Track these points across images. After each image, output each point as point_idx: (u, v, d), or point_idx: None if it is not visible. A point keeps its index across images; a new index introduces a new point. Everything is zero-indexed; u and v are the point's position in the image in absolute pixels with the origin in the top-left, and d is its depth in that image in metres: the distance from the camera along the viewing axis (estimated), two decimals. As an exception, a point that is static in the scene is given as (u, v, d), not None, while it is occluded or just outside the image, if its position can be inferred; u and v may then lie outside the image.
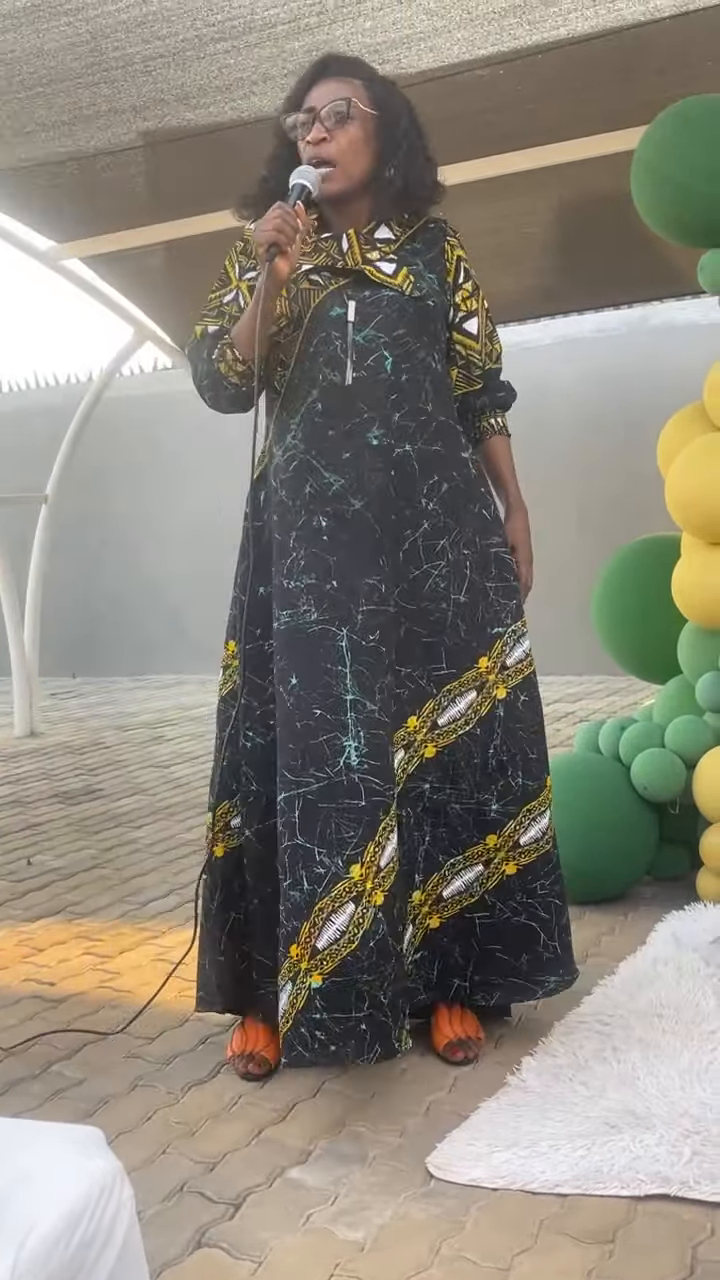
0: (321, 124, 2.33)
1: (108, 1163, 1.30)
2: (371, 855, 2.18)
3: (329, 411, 2.34)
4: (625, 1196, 1.89)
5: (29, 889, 3.78)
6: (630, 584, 3.82)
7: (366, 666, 2.25)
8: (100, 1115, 2.26)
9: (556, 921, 2.43)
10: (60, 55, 3.94)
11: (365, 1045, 2.16)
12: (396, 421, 2.34)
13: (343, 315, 2.34)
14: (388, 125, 2.37)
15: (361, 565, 2.29)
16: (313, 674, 2.25)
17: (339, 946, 2.16)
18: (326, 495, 2.31)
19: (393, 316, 2.36)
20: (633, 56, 4.03)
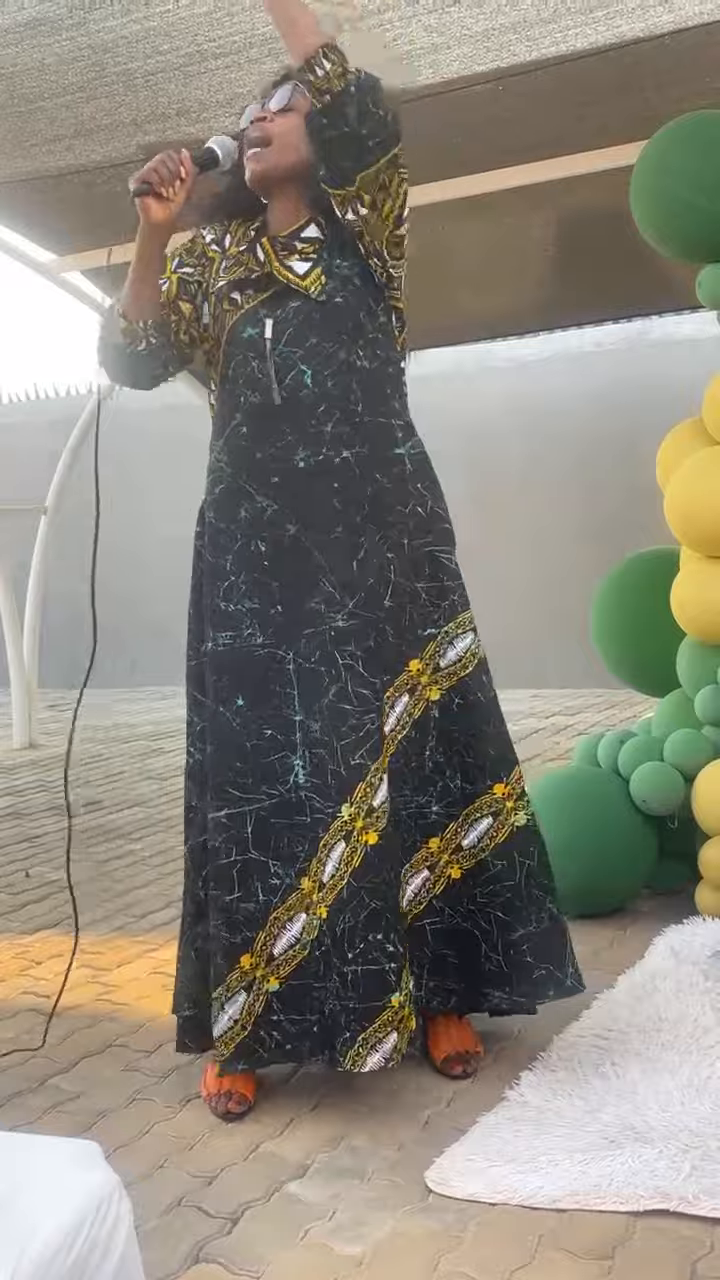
0: (266, 107, 2.35)
1: (106, 1176, 1.30)
2: (315, 870, 2.25)
3: (254, 435, 2.33)
4: (624, 1212, 1.89)
5: (27, 901, 3.77)
6: (629, 597, 3.83)
7: (309, 688, 2.27)
8: (98, 1129, 2.25)
9: (501, 935, 2.35)
10: (61, 70, 3.96)
11: (316, 1046, 2.25)
12: (329, 432, 2.30)
13: (257, 335, 2.32)
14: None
15: (303, 591, 2.29)
16: (262, 695, 2.28)
17: (294, 952, 2.25)
18: (262, 520, 2.31)
19: (303, 327, 2.31)
20: (632, 72, 4.05)
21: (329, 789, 2.25)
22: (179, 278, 2.42)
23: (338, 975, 2.21)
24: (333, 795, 2.24)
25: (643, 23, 3.78)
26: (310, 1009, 2.25)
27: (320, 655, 2.27)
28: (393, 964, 2.20)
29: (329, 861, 2.24)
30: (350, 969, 2.19)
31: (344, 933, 2.21)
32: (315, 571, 2.29)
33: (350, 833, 2.23)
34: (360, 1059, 2.17)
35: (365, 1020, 2.18)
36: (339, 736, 2.25)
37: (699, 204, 3.29)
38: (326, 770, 2.25)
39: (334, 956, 2.21)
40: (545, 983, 2.35)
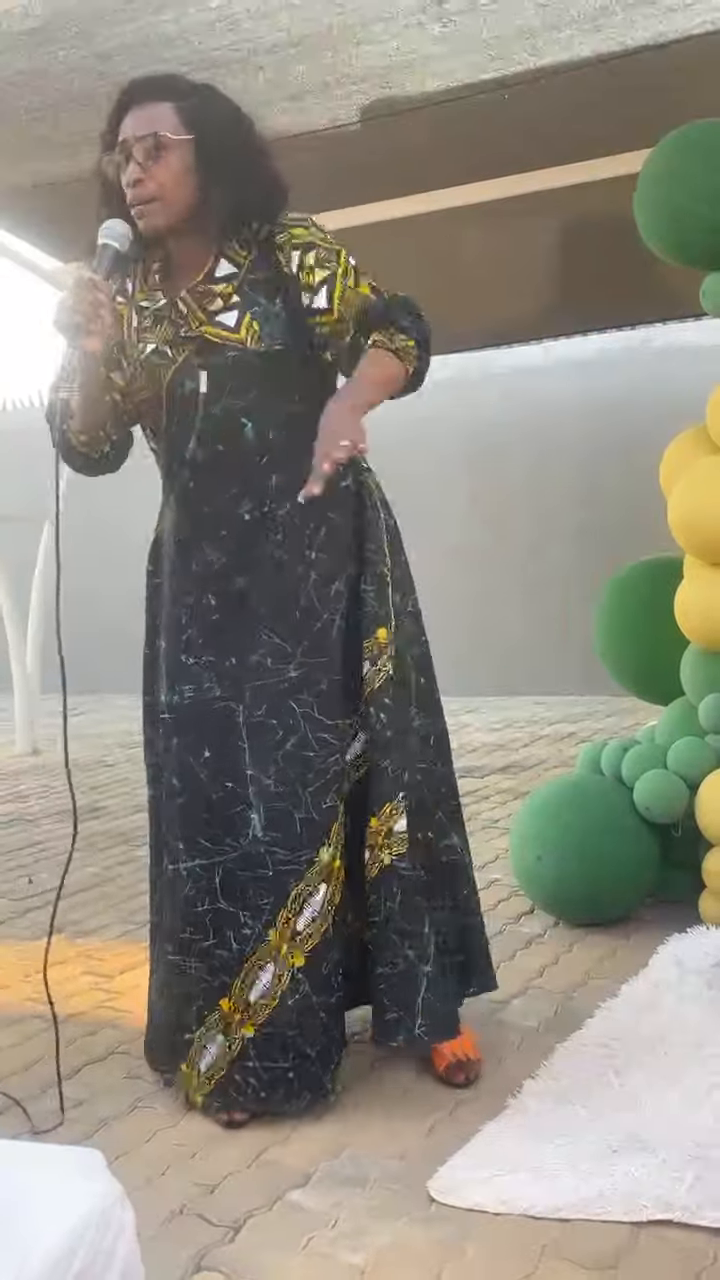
0: (136, 162, 2.21)
1: (108, 1185, 1.30)
2: (285, 921, 2.23)
3: (200, 488, 2.32)
4: (628, 1222, 1.88)
5: (30, 907, 3.77)
6: (633, 605, 3.82)
7: (258, 741, 2.27)
8: (100, 1136, 2.25)
9: (369, 968, 2.35)
10: (65, 77, 3.96)
11: (293, 1093, 2.24)
12: (274, 485, 2.28)
13: (194, 390, 2.27)
14: (206, 145, 2.21)
15: (248, 642, 2.29)
16: (223, 748, 2.29)
17: (266, 1000, 2.23)
18: (211, 573, 2.31)
19: (242, 378, 2.25)
20: (636, 81, 4.05)
21: (297, 838, 2.24)
22: None
23: (325, 1010, 2.25)
24: (304, 843, 2.24)
25: (647, 31, 3.79)
26: (284, 1056, 2.23)
27: (269, 707, 2.27)
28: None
29: (308, 908, 2.24)
30: (335, 997, 2.28)
31: (332, 968, 2.27)
32: (257, 624, 2.29)
33: (330, 874, 2.26)
34: (342, 1076, 2.31)
35: (343, 1039, 2.33)
36: (304, 784, 2.25)
37: (702, 212, 3.30)
38: (294, 820, 2.24)
39: (320, 995, 2.25)
40: (395, 1027, 2.31)
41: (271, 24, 3.69)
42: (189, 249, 2.31)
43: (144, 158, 2.21)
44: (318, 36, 3.77)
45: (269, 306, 2.27)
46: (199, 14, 3.62)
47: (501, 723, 6.93)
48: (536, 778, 5.07)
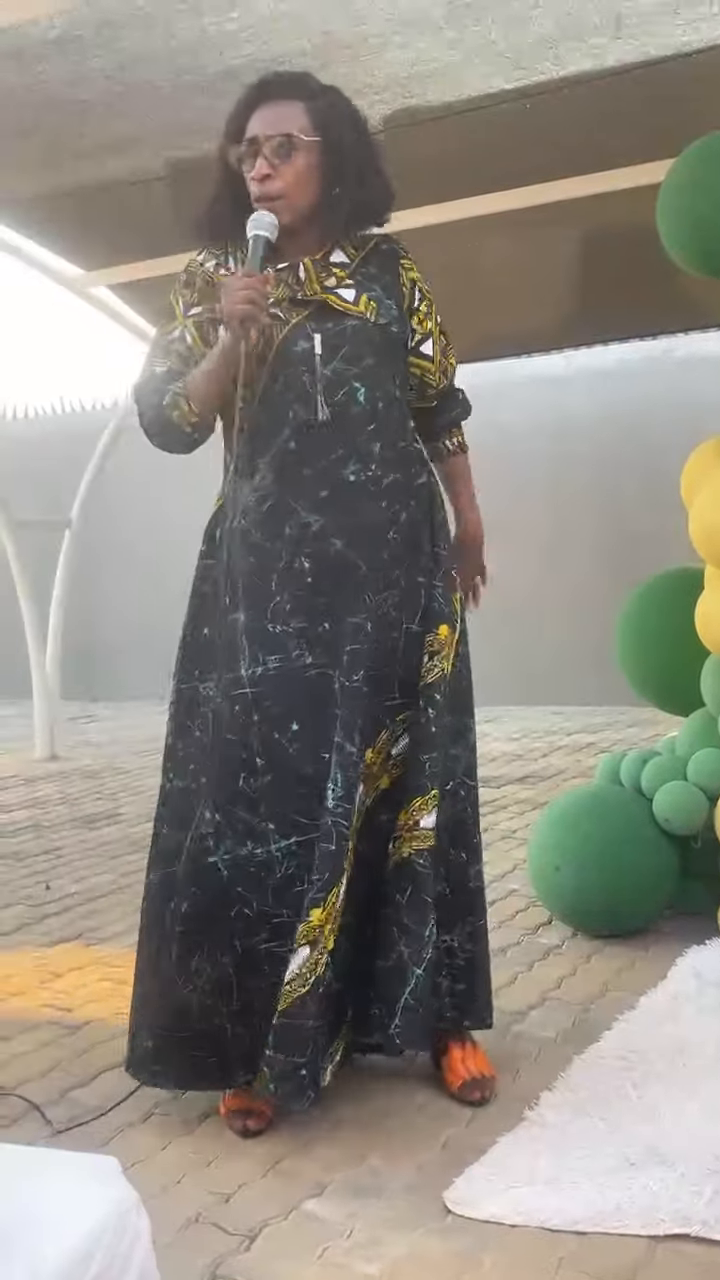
0: (265, 159, 2.27)
1: (124, 1193, 1.30)
2: (334, 898, 2.18)
3: (302, 450, 2.29)
4: (645, 1235, 1.87)
5: (47, 914, 3.78)
6: (653, 616, 3.81)
7: (349, 708, 2.23)
8: (115, 1144, 2.25)
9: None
10: (88, 86, 3.98)
11: (301, 1092, 2.17)
12: (377, 453, 2.31)
13: (309, 349, 2.29)
14: (332, 148, 2.29)
15: (348, 605, 2.26)
16: (315, 719, 2.23)
17: (293, 987, 2.15)
18: (307, 536, 2.27)
19: (360, 346, 2.30)
20: (659, 91, 4.05)
21: (355, 813, 2.21)
22: (194, 321, 2.36)
23: (336, 998, 2.24)
24: (354, 820, 2.22)
25: (670, 41, 3.79)
26: (300, 1050, 2.16)
27: (365, 674, 2.24)
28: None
29: (343, 888, 2.19)
30: (338, 985, 2.24)
31: (343, 952, 2.23)
32: (360, 587, 2.27)
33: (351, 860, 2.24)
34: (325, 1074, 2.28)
35: (335, 1033, 2.30)
36: (376, 764, 2.25)
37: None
38: (356, 793, 2.21)
39: (336, 982, 2.23)
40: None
41: (293, 34, 3.70)
42: (304, 240, 2.35)
43: (274, 155, 2.28)
44: (339, 46, 3.78)
45: (384, 296, 2.36)
46: (220, 24, 3.64)
47: (520, 732, 6.91)
48: (555, 788, 5.05)
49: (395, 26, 3.68)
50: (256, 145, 2.28)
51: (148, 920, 2.35)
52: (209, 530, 2.41)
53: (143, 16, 3.58)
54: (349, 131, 2.33)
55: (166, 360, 2.36)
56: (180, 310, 2.39)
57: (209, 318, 2.34)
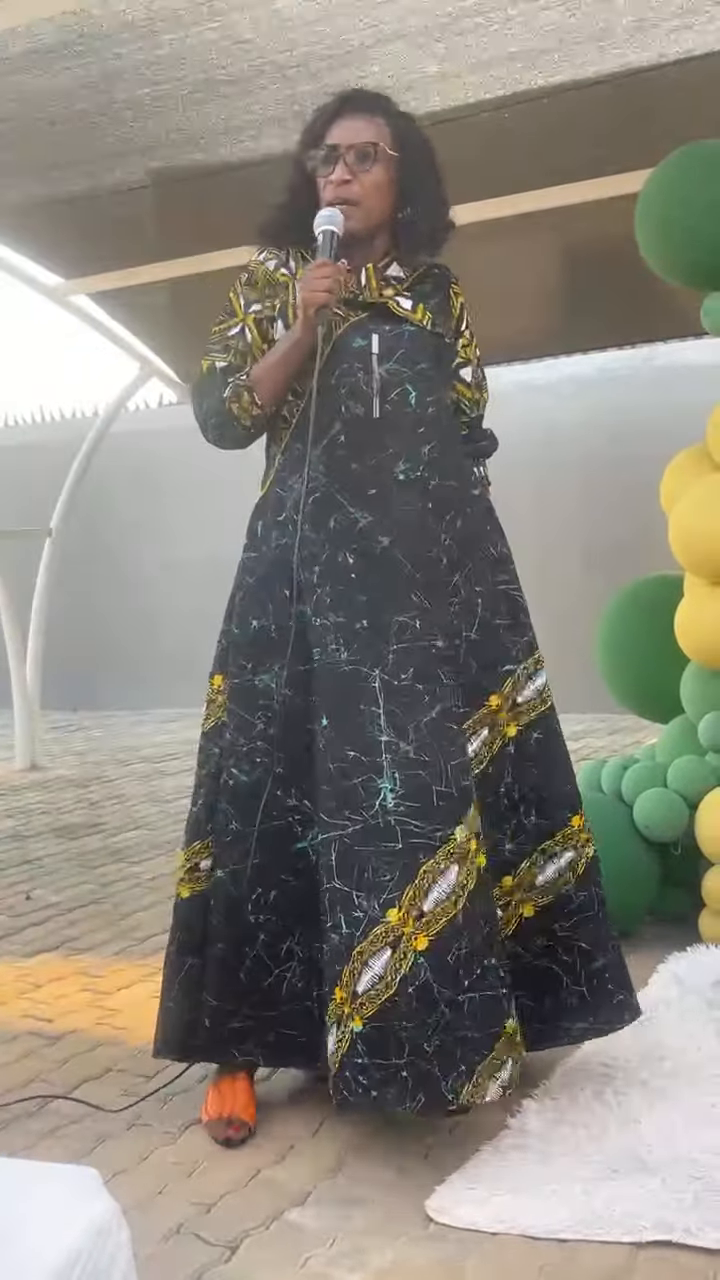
0: (345, 165, 2.32)
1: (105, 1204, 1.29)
2: (411, 899, 2.12)
3: (353, 445, 2.31)
4: (627, 1243, 1.87)
5: (28, 924, 3.76)
6: (633, 623, 3.83)
7: (400, 706, 2.20)
8: (97, 1154, 2.24)
9: (584, 965, 2.35)
10: (71, 96, 3.98)
11: (407, 1093, 2.07)
12: (426, 455, 2.33)
13: (366, 347, 2.32)
14: (409, 166, 2.37)
15: (392, 603, 2.25)
16: (344, 714, 2.21)
17: (378, 991, 2.11)
18: (353, 532, 2.28)
19: (415, 351, 2.35)
20: (639, 101, 4.08)
21: (434, 811, 2.16)
22: (254, 318, 2.39)
23: (449, 1006, 2.10)
24: (440, 818, 2.16)
25: (649, 52, 3.81)
26: (398, 1053, 2.08)
27: (416, 672, 2.22)
28: (505, 989, 2.18)
29: (435, 888, 2.12)
30: (467, 996, 2.12)
31: (460, 959, 2.13)
32: (407, 585, 2.27)
33: (466, 855, 2.17)
34: (481, 1090, 2.11)
35: (484, 1048, 2.12)
36: (447, 757, 2.20)
37: (704, 231, 3.31)
38: (430, 792, 2.17)
39: (443, 987, 2.10)
40: (623, 1008, 2.39)
41: (276, 45, 3.71)
42: (368, 250, 2.40)
43: (355, 162, 2.33)
44: (321, 57, 3.80)
45: (438, 311, 2.42)
46: (204, 35, 3.65)
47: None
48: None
49: (377, 38, 3.70)
50: (337, 152, 2.33)
51: (225, 915, 2.30)
52: (251, 524, 2.43)
53: (124, 27, 3.58)
54: (425, 155, 2.41)
55: (227, 355, 2.39)
56: (241, 307, 2.42)
57: (268, 316, 2.38)
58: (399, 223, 2.38)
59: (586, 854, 2.39)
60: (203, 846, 2.38)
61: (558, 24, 3.63)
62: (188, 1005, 2.35)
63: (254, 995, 2.28)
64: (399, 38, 3.70)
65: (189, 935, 2.37)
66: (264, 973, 2.27)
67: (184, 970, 2.36)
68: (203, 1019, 2.32)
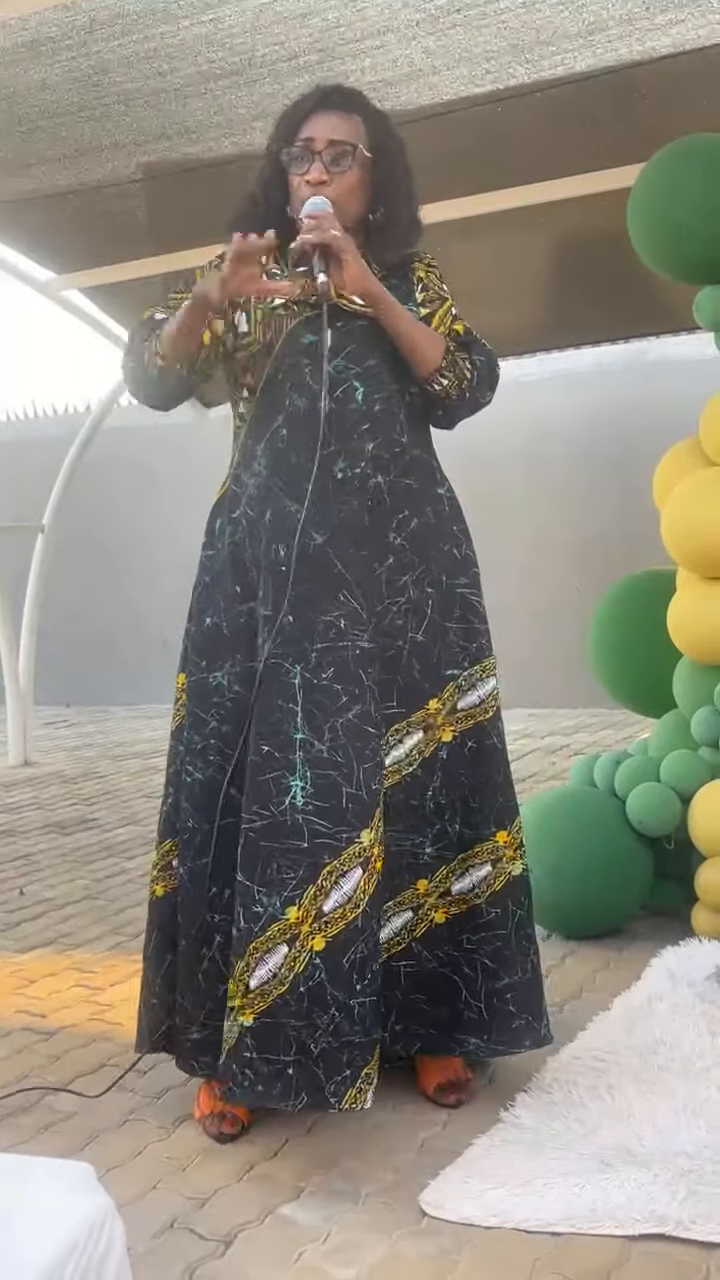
0: (321, 164, 2.30)
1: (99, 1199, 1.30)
2: (312, 898, 2.13)
3: (293, 439, 2.30)
4: (620, 1236, 1.88)
5: (21, 919, 3.76)
6: (626, 618, 3.83)
7: (318, 706, 2.20)
8: (91, 1149, 2.24)
9: (485, 982, 2.32)
10: (62, 89, 3.97)
11: (291, 1091, 2.09)
12: (370, 452, 2.31)
13: (315, 343, 2.29)
14: (384, 167, 2.35)
15: (319, 601, 2.24)
16: (264, 709, 2.21)
17: (269, 987, 2.12)
18: (286, 525, 2.27)
19: (365, 347, 2.33)
20: (630, 95, 4.07)
21: (342, 813, 2.16)
22: None
23: (339, 1009, 2.11)
24: (348, 820, 2.16)
25: (641, 45, 3.80)
26: (285, 1050, 2.09)
27: (337, 672, 2.21)
28: (379, 996, 2.19)
29: (337, 889, 2.14)
30: (358, 1001, 2.12)
31: (354, 963, 2.13)
32: (336, 584, 2.25)
33: (369, 859, 2.18)
34: (362, 1096, 2.11)
35: (369, 1053, 2.14)
36: (360, 759, 2.19)
37: (696, 226, 3.31)
38: (341, 793, 2.17)
39: (336, 989, 2.11)
40: (523, 1032, 2.34)
41: (267, 38, 3.70)
42: None
43: (331, 161, 2.31)
44: (314, 50, 3.79)
45: (403, 303, 2.37)
46: (195, 28, 3.63)
47: (494, 735, 6.91)
48: (529, 790, 5.05)
49: (367, 32, 3.69)
50: (317, 147, 2.30)
51: (186, 914, 2.30)
52: (209, 522, 2.42)
53: (116, 20, 3.57)
54: (399, 157, 2.39)
55: (166, 311, 2.38)
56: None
57: (234, 304, 2.34)
58: (372, 223, 2.37)
59: (509, 871, 2.36)
60: (173, 845, 2.38)
61: (548, 18, 3.62)
62: (168, 1002, 2.36)
63: (209, 1002, 2.27)
64: (389, 31, 3.69)
65: (164, 933, 2.37)
66: (220, 980, 2.26)
67: (164, 966, 2.37)
68: (174, 1018, 2.33)
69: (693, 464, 3.45)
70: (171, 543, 8.98)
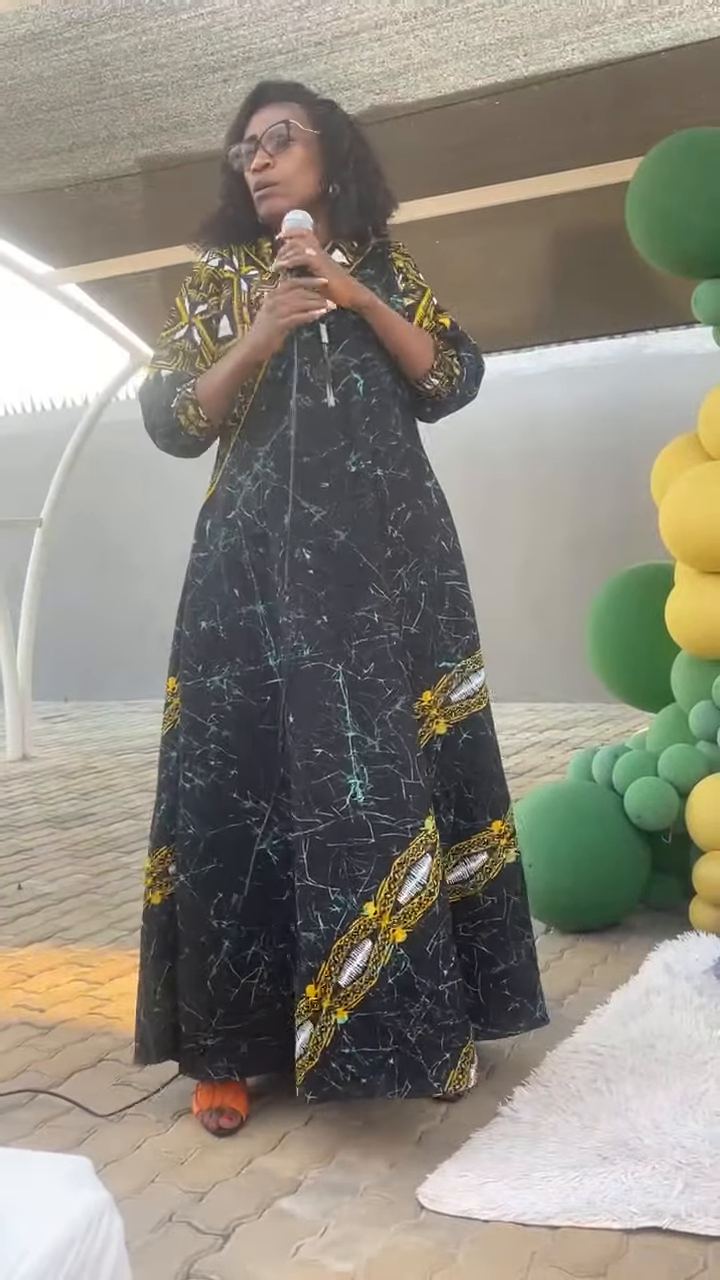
0: (264, 150, 2.31)
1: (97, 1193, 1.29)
2: (386, 892, 2.13)
3: (304, 438, 2.27)
4: (617, 1229, 1.88)
5: (20, 914, 3.76)
6: (624, 612, 3.83)
7: (365, 703, 2.19)
8: (89, 1144, 2.24)
9: (481, 968, 2.35)
10: (60, 83, 3.96)
11: (395, 1079, 2.10)
12: (372, 444, 2.31)
13: (314, 338, 2.28)
14: (330, 143, 2.35)
15: (351, 598, 2.23)
16: (310, 712, 2.19)
17: (360, 983, 2.12)
18: (308, 526, 2.25)
19: (359, 339, 2.33)
20: (628, 89, 4.06)
21: (404, 804, 2.16)
22: (201, 318, 2.38)
23: (430, 996, 2.12)
24: (410, 810, 2.16)
25: (639, 39, 3.80)
26: (384, 1041, 2.10)
27: (378, 666, 2.21)
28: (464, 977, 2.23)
29: (410, 880, 2.14)
30: (446, 986, 2.14)
31: (438, 950, 2.14)
32: (365, 578, 2.25)
33: (434, 846, 2.18)
34: (465, 1076, 2.15)
35: (465, 1034, 2.17)
36: (413, 749, 2.20)
37: (694, 221, 3.30)
38: (399, 785, 2.16)
39: (423, 977, 2.12)
40: (518, 1015, 2.38)
41: (265, 30, 3.69)
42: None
43: (272, 147, 2.32)
44: (311, 43, 3.78)
45: (383, 294, 2.39)
46: (193, 20, 3.63)
47: (493, 729, 6.92)
48: (528, 785, 5.06)
49: (367, 23, 3.68)
50: (255, 143, 2.33)
51: (189, 921, 2.29)
52: (199, 523, 2.40)
53: (115, 12, 3.56)
54: (347, 132, 2.39)
55: (173, 362, 2.36)
56: (187, 310, 2.40)
57: (215, 314, 2.36)
58: (331, 201, 2.36)
59: (503, 859, 2.38)
60: (169, 851, 2.37)
61: (547, 10, 3.61)
62: (170, 1008, 2.35)
63: (221, 1007, 2.27)
64: (387, 24, 3.69)
65: (163, 940, 2.36)
66: (230, 984, 2.26)
67: (164, 974, 2.35)
68: (180, 1026, 2.32)
69: (691, 458, 3.45)
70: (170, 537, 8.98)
